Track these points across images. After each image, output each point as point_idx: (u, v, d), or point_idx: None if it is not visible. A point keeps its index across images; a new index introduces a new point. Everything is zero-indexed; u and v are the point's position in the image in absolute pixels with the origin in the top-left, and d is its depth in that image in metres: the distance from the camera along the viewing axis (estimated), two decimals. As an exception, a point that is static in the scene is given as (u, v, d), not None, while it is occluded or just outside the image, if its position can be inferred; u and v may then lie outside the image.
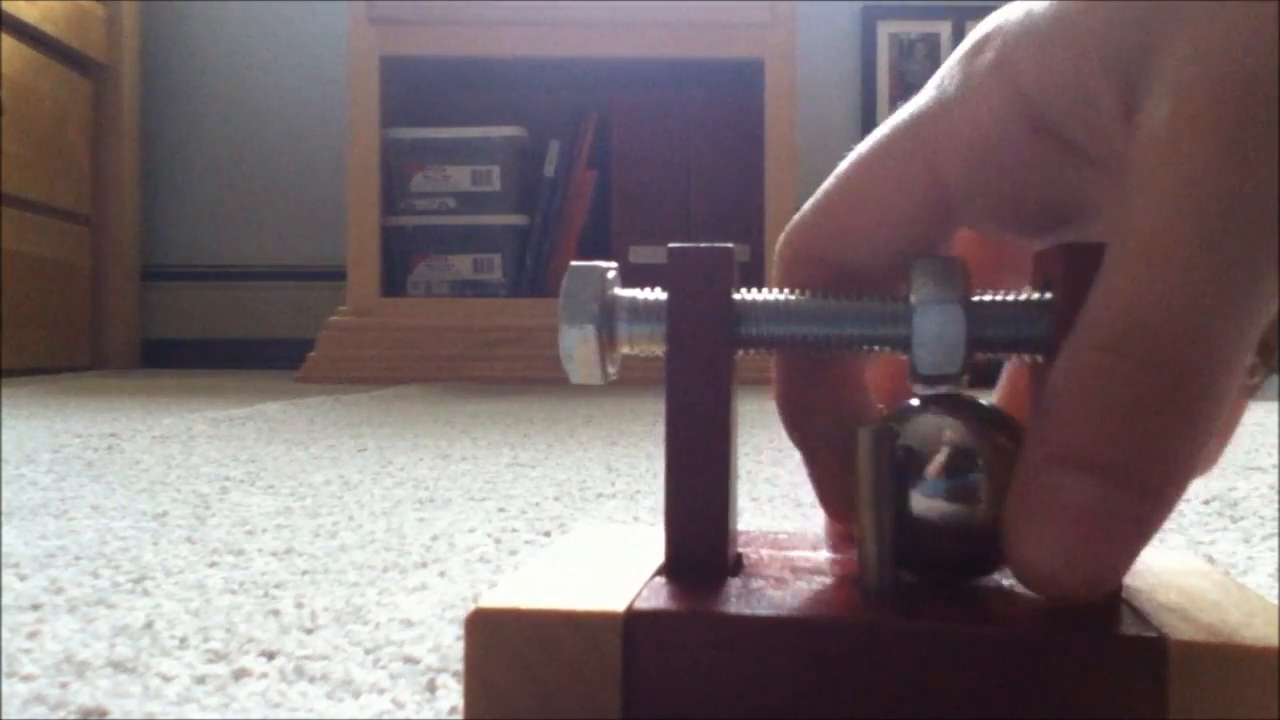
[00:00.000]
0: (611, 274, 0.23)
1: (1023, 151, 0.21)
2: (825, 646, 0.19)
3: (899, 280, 0.23)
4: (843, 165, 0.23)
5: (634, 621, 0.20)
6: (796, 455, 0.25)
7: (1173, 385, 0.17)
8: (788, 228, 0.24)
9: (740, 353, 0.23)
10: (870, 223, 0.23)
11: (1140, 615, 0.20)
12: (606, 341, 0.23)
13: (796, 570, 0.23)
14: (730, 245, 0.22)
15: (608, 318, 0.23)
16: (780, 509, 0.50)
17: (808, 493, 0.26)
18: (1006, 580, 0.23)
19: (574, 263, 0.23)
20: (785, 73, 1.79)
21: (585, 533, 0.26)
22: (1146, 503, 0.18)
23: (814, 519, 0.48)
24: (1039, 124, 0.21)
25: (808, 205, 0.24)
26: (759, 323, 0.22)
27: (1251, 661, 0.19)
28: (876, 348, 0.22)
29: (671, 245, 0.22)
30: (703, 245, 0.22)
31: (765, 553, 0.25)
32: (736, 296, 0.23)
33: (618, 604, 0.20)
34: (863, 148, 0.23)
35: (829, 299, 0.23)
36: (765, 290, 0.23)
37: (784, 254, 0.24)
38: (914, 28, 2.36)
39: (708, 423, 0.22)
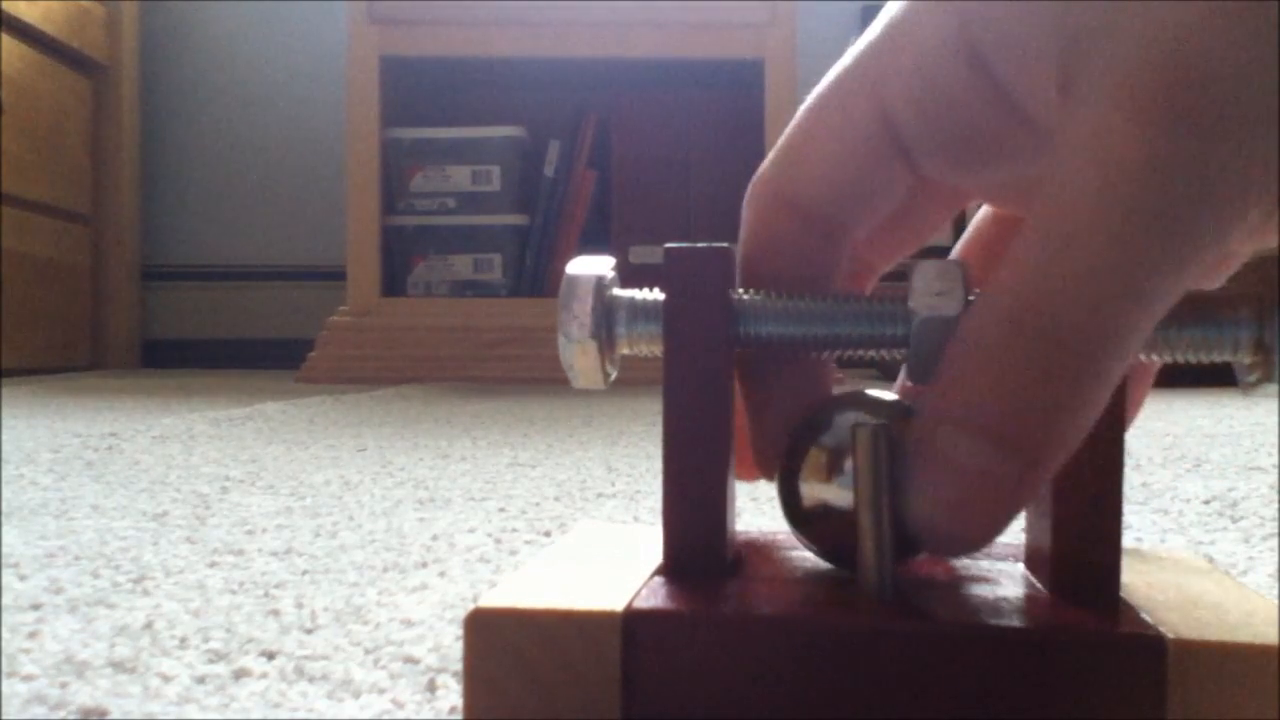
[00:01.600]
0: (610, 275, 0.23)
1: (960, 87, 0.21)
2: (824, 646, 0.19)
3: (856, 219, 0.23)
4: (802, 106, 0.24)
5: (633, 621, 0.20)
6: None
7: (1062, 361, 0.18)
8: (755, 174, 0.24)
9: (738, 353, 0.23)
10: (822, 161, 0.23)
11: (1139, 614, 0.20)
12: (606, 346, 0.23)
13: (795, 570, 0.23)
14: (728, 245, 0.22)
15: (607, 324, 0.23)
16: (780, 509, 0.50)
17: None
18: (1004, 579, 0.23)
19: (571, 265, 0.23)
20: (785, 73, 1.79)
21: (585, 533, 0.26)
22: (1026, 468, 0.18)
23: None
24: (977, 63, 0.21)
25: (772, 150, 0.24)
26: (757, 323, 0.23)
27: (1251, 660, 0.19)
28: (874, 348, 0.22)
29: (669, 245, 0.22)
30: (700, 245, 0.22)
31: (764, 553, 0.25)
32: (734, 296, 0.23)
33: (616, 603, 0.20)
34: (820, 86, 0.23)
35: (827, 300, 0.23)
36: (763, 291, 0.23)
37: (749, 199, 0.24)
38: (914, 28, 2.36)
39: (706, 423, 0.22)
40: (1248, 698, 0.19)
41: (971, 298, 0.22)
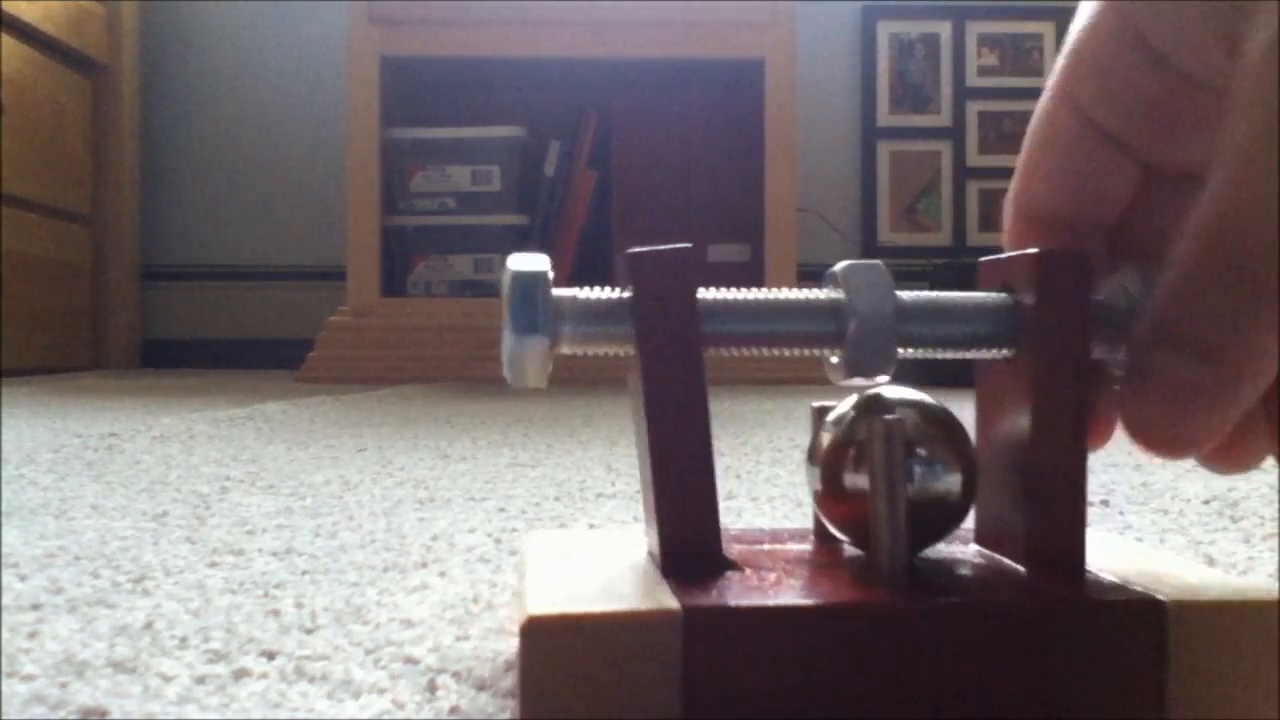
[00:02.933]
0: (550, 273, 0.23)
1: (1134, 73, 0.23)
2: (874, 629, 0.20)
3: (1095, 214, 0.26)
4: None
5: (693, 618, 0.20)
6: (797, 455, 0.25)
7: (1253, 273, 0.20)
8: (1008, 192, 0.27)
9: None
10: (1047, 172, 0.25)
11: (1135, 585, 0.21)
12: (553, 344, 0.23)
13: (792, 562, 0.24)
14: (689, 245, 0.23)
15: (555, 324, 0.23)
16: (780, 509, 0.50)
17: (808, 493, 0.26)
18: (983, 559, 0.24)
19: (510, 264, 0.23)
20: (785, 73, 1.79)
21: (549, 541, 0.27)
22: (1227, 378, 0.20)
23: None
24: (1146, 49, 0.23)
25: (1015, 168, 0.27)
26: (722, 320, 0.23)
27: (1250, 614, 0.20)
28: (812, 345, 0.23)
29: (630, 250, 0.23)
30: (664, 248, 0.23)
31: (739, 548, 0.25)
32: (700, 295, 0.23)
33: (672, 602, 0.20)
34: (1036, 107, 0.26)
35: (776, 297, 0.23)
36: (724, 289, 0.24)
37: (1007, 219, 0.27)
38: (914, 28, 2.36)
39: (690, 422, 0.22)
40: (1247, 652, 0.20)
41: (901, 295, 0.23)
